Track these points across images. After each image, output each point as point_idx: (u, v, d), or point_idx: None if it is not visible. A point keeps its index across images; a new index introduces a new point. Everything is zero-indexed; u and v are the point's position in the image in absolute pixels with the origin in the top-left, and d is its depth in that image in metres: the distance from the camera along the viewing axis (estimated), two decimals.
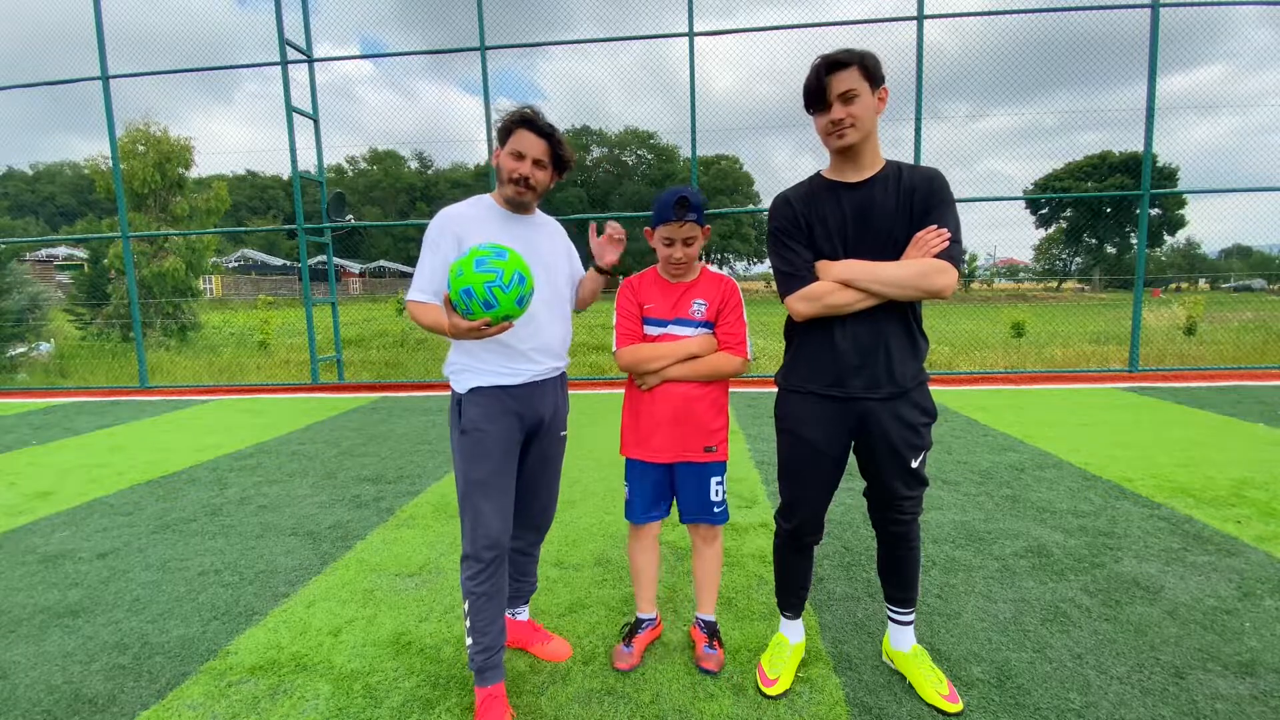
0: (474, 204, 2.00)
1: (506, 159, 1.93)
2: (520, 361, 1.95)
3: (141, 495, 4.09)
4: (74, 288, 15.13)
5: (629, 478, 2.14)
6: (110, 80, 8.15)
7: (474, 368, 1.93)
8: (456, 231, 1.90)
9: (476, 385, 1.92)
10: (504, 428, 1.92)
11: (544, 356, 2.00)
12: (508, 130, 1.93)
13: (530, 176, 1.93)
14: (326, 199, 8.75)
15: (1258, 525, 3.14)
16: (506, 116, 1.96)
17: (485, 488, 1.88)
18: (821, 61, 1.71)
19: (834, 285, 1.76)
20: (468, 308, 1.67)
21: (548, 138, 1.93)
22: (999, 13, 7.58)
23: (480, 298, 1.65)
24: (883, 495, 1.91)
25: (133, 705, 1.99)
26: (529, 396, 1.97)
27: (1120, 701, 1.89)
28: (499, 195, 2.01)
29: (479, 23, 7.79)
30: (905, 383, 1.81)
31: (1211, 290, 25.83)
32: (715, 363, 2.03)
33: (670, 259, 2.01)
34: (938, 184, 1.75)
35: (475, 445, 1.89)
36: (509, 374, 1.93)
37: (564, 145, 1.98)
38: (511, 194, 1.94)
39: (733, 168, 48.58)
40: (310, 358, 8.69)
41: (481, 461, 1.89)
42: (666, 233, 1.98)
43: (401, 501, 3.82)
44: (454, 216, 1.95)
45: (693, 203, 1.94)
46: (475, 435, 1.89)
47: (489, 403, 1.91)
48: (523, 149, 1.91)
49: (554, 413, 2.06)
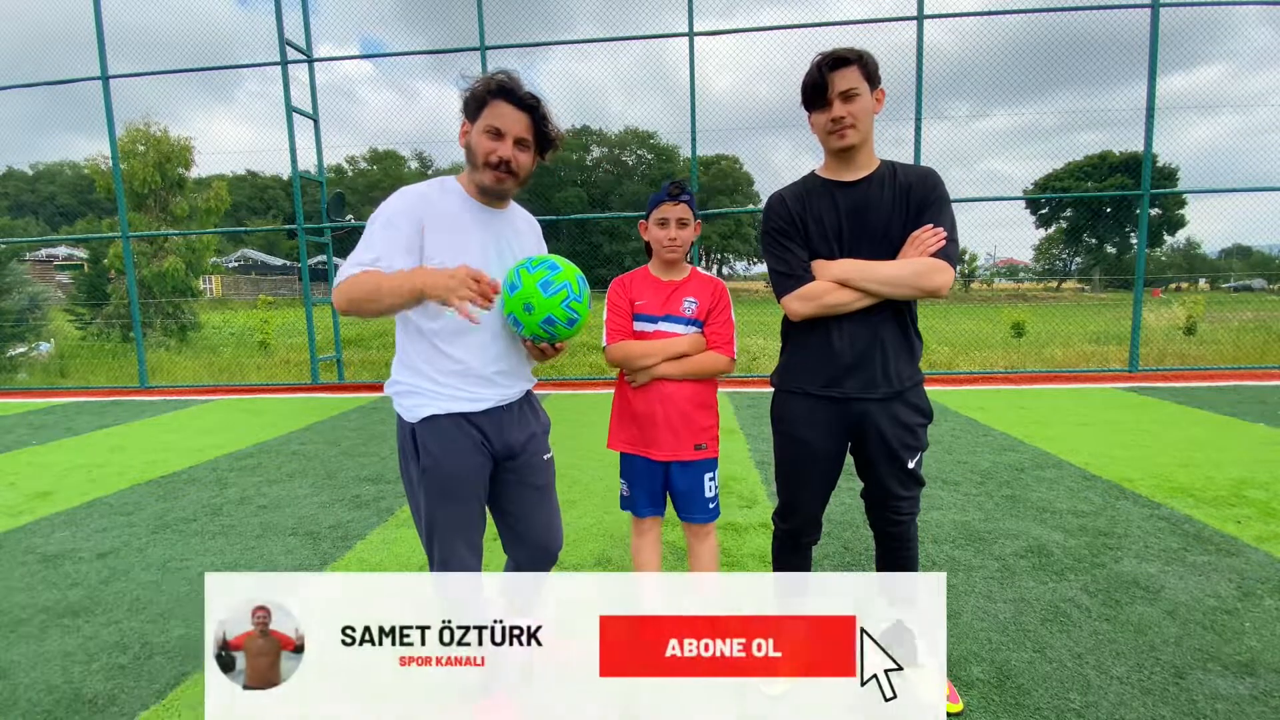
0: (441, 190, 1.65)
1: (481, 138, 1.58)
2: (481, 386, 1.66)
3: (141, 495, 4.09)
4: (74, 288, 15.15)
5: (626, 474, 2.16)
6: (110, 80, 8.15)
7: (426, 391, 1.64)
8: (420, 217, 1.57)
9: (432, 413, 1.63)
10: (472, 464, 1.65)
11: (508, 379, 1.72)
12: (480, 101, 1.58)
13: (512, 159, 1.59)
14: (326, 199, 8.75)
15: (1258, 525, 3.14)
16: (477, 84, 1.58)
17: (455, 530, 1.65)
18: (823, 58, 1.71)
19: (831, 285, 1.75)
20: (551, 334, 1.57)
21: (531, 110, 1.58)
22: (999, 13, 7.59)
23: (563, 319, 1.56)
24: (879, 496, 1.91)
25: (133, 705, 1.99)
26: (494, 424, 1.69)
27: (1120, 701, 1.89)
28: (470, 181, 1.66)
29: (479, 23, 7.79)
30: (901, 383, 1.81)
31: (1211, 290, 25.85)
32: (703, 361, 2.06)
33: (664, 240, 2.03)
34: (933, 182, 1.75)
35: (440, 485, 1.62)
36: (468, 399, 1.65)
37: (550, 120, 1.62)
38: (489, 182, 1.61)
39: (733, 168, 48.56)
40: (310, 358, 8.69)
41: (449, 503, 1.64)
42: (661, 213, 2.01)
43: (402, 501, 3.82)
44: (419, 199, 1.60)
45: (685, 187, 2.02)
46: (438, 474, 1.62)
47: (448, 433, 1.63)
48: (501, 125, 1.56)
49: (529, 438, 1.78)
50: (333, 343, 9.21)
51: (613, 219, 27.72)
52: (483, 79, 1.59)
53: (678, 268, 2.11)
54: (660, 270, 2.11)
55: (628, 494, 2.16)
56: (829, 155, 1.81)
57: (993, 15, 7.67)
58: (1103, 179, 40.49)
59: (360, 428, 5.92)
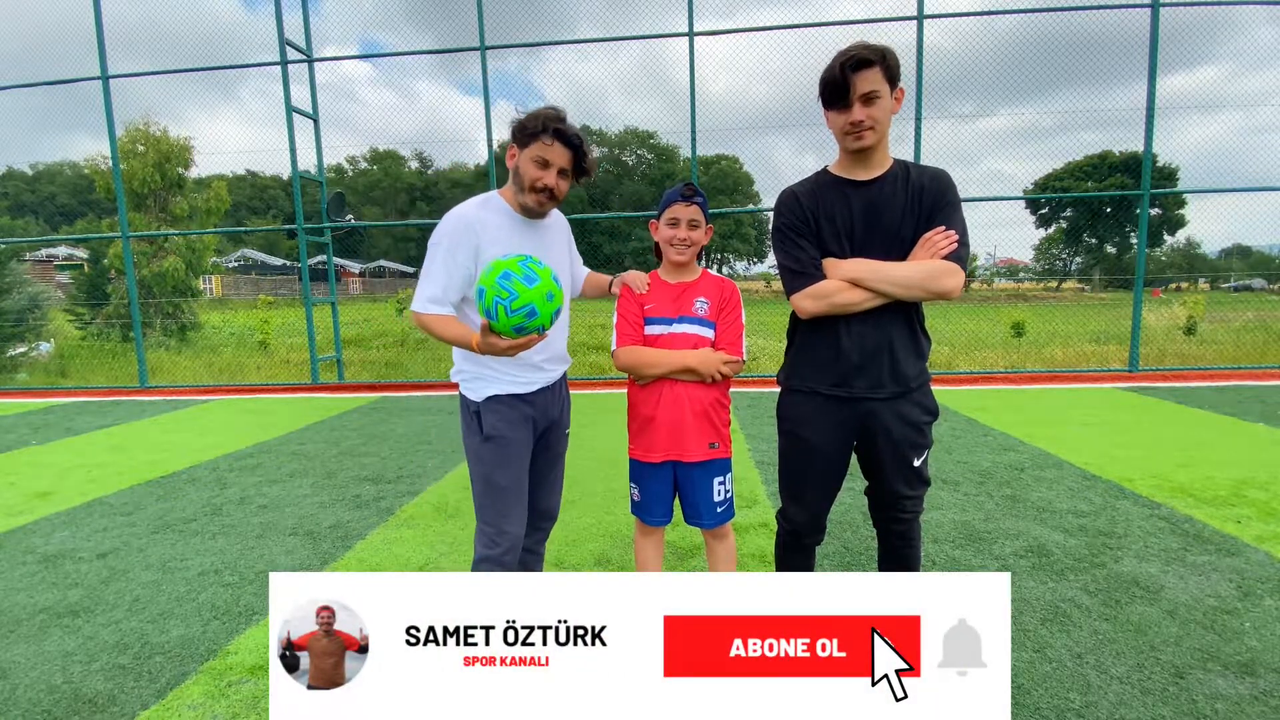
0: (487, 208, 1.89)
1: (530, 166, 1.83)
2: (532, 372, 1.96)
3: (141, 495, 4.09)
4: (74, 288, 15.14)
5: (638, 479, 2.13)
6: (110, 80, 8.15)
7: (487, 376, 1.92)
8: (476, 243, 1.82)
9: (494, 394, 1.91)
10: (524, 434, 1.95)
11: (553, 364, 2.02)
12: (533, 134, 1.81)
13: (554, 187, 1.85)
14: (326, 199, 8.75)
15: (1258, 525, 3.14)
16: (532, 118, 1.82)
17: (508, 493, 1.91)
18: (846, 57, 1.68)
19: (842, 284, 1.75)
20: (522, 325, 1.61)
21: (575, 148, 1.84)
22: (999, 12, 7.59)
23: (545, 313, 1.62)
24: (885, 495, 1.91)
25: (133, 705, 1.99)
26: (542, 402, 1.99)
27: (1120, 701, 1.89)
28: (513, 197, 1.91)
29: (479, 23, 7.78)
30: (909, 382, 1.80)
31: (1211, 290, 25.83)
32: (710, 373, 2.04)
33: (674, 238, 2.03)
34: (946, 185, 1.75)
35: (499, 452, 1.90)
36: (523, 383, 1.94)
37: (588, 155, 1.89)
38: (533, 204, 1.87)
39: (733, 168, 48.53)
40: (310, 358, 8.69)
41: (506, 467, 1.91)
42: (673, 213, 2.02)
43: (401, 501, 3.82)
44: (472, 224, 1.83)
45: (698, 190, 2.04)
46: (499, 442, 1.90)
47: (508, 410, 1.92)
48: (550, 158, 1.82)
49: (561, 412, 2.10)
50: (333, 343, 9.21)
51: (613, 219, 27.73)
52: (537, 114, 1.82)
53: (688, 270, 2.10)
54: (669, 273, 2.11)
55: (638, 499, 2.15)
56: (843, 153, 1.80)
57: (993, 15, 7.68)
58: (1103, 179, 40.49)
59: (360, 428, 5.92)
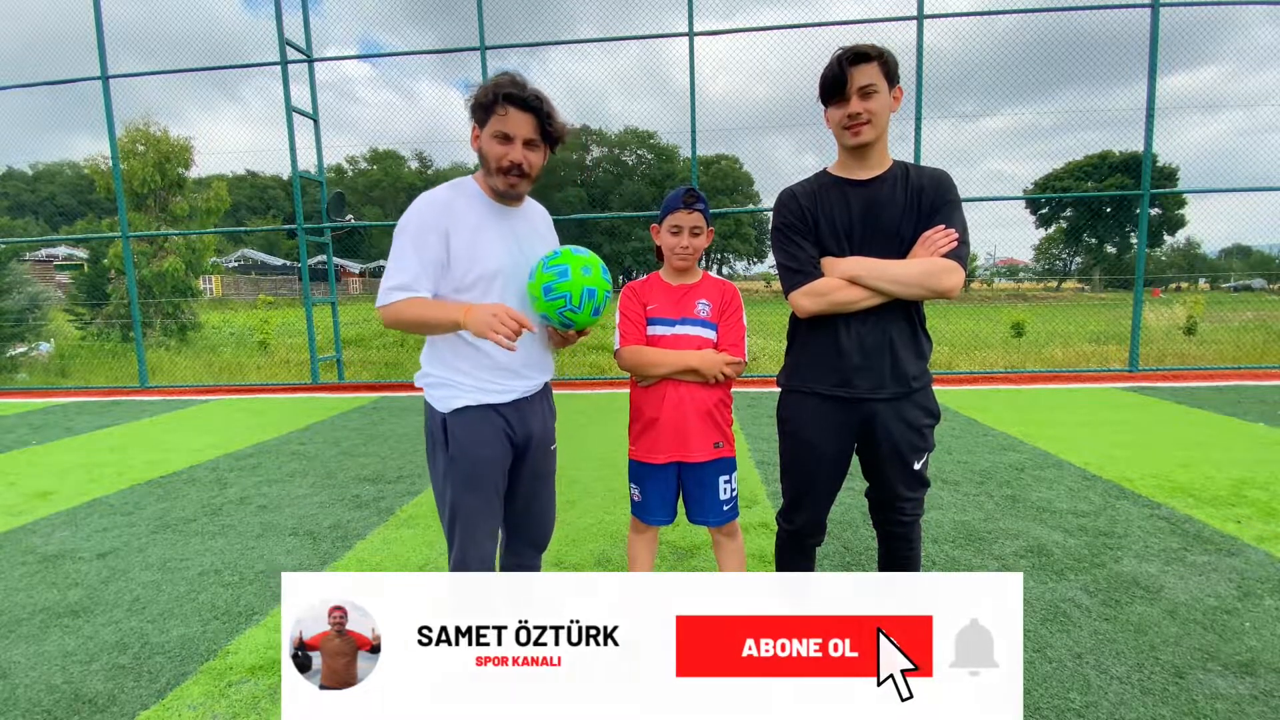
0: (458, 191, 1.73)
1: (491, 144, 1.65)
2: (509, 379, 1.77)
3: (141, 495, 4.09)
4: (74, 288, 15.13)
5: (640, 480, 2.13)
6: (110, 80, 8.15)
7: (457, 384, 1.73)
8: (446, 225, 1.66)
9: (463, 405, 1.72)
10: (496, 452, 1.75)
11: (533, 371, 1.83)
12: (487, 107, 1.64)
13: (523, 162, 1.67)
14: (326, 199, 8.75)
15: (1258, 525, 3.14)
16: (482, 90, 1.64)
17: (477, 515, 1.74)
18: (844, 52, 1.69)
19: (840, 282, 1.74)
20: (593, 308, 1.67)
21: (535, 111, 1.64)
22: (999, 12, 7.59)
23: (556, 322, 1.67)
24: (885, 496, 1.91)
25: (133, 705, 1.99)
26: (518, 414, 1.79)
27: (1120, 701, 1.89)
28: (485, 182, 1.75)
29: (479, 23, 7.79)
30: (910, 383, 1.80)
31: (1211, 290, 25.83)
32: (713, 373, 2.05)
33: (676, 247, 2.03)
34: (946, 184, 1.75)
35: (466, 472, 1.72)
36: (498, 391, 1.75)
37: (554, 117, 1.68)
38: (503, 186, 1.69)
39: (733, 168, 48.51)
40: (310, 358, 8.69)
41: (474, 490, 1.73)
42: (674, 221, 2.02)
43: (401, 501, 3.82)
44: (439, 207, 1.68)
45: (700, 195, 2.03)
46: (467, 461, 1.71)
47: (477, 424, 1.73)
48: (509, 130, 1.63)
49: (543, 427, 1.89)
50: (333, 343, 9.21)
51: (613, 219, 27.73)
52: (487, 84, 1.66)
53: (689, 273, 2.11)
54: (671, 276, 2.11)
55: (639, 499, 2.14)
56: (842, 152, 1.81)
57: (993, 15, 7.69)
58: (1103, 179, 40.47)
59: (360, 428, 5.92)
